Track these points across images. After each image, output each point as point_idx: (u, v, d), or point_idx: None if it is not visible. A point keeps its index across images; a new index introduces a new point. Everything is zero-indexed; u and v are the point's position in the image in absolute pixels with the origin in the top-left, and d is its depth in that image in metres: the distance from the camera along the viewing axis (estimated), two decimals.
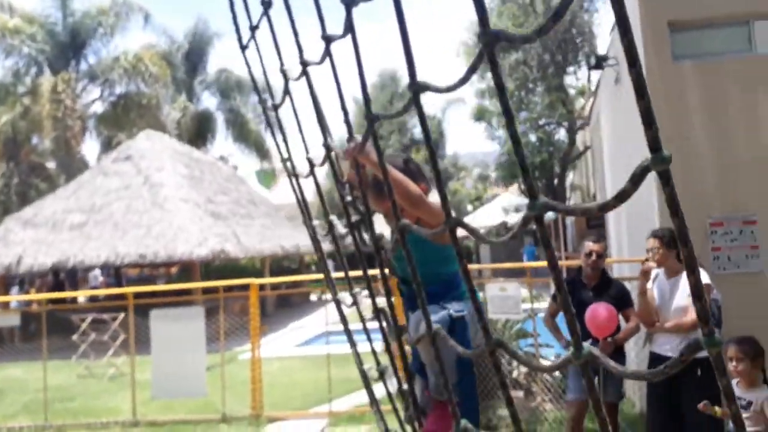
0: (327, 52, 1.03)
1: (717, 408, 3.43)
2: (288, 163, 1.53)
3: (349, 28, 0.90)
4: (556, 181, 21.20)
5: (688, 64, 4.81)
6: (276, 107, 1.55)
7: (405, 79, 1.07)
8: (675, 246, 4.15)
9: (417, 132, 29.14)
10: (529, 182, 0.61)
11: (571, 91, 19.88)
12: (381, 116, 1.03)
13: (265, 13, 1.22)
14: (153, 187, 13.76)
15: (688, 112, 4.77)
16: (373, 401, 1.46)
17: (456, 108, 27.15)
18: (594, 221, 17.90)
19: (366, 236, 1.39)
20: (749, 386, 3.45)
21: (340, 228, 1.38)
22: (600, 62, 5.84)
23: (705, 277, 4.04)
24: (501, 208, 22.50)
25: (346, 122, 1.11)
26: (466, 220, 1.06)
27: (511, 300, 5.54)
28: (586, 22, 18.76)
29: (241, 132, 22.33)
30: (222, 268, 17.15)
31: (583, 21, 18.63)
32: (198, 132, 21.51)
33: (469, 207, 27.50)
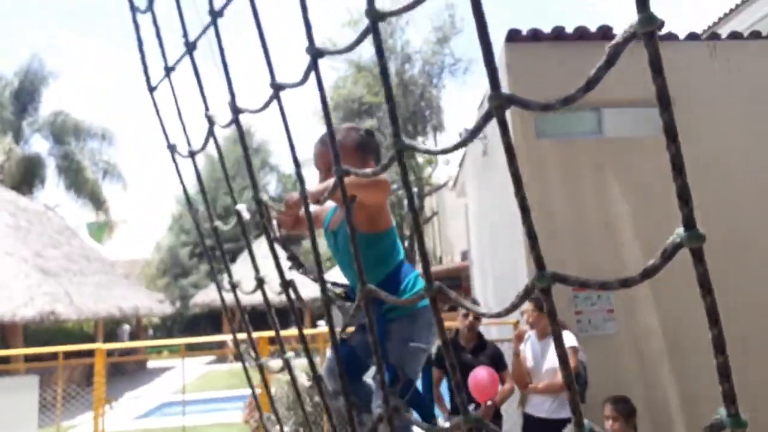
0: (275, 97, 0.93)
1: None
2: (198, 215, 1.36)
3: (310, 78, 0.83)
4: (406, 243, 21.93)
5: (549, 141, 5.29)
6: (193, 154, 1.39)
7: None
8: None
9: (270, 189, 28.80)
10: (536, 252, 0.57)
11: (420, 160, 20.96)
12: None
13: (189, 53, 1.09)
14: None
15: (549, 183, 5.19)
16: None
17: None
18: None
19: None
20: None
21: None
22: None
23: (573, 340, 4.29)
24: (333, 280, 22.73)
25: (298, 174, 1.00)
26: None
27: None
28: (435, 96, 20.04)
29: (75, 180, 20.48)
30: (44, 332, 15.25)
31: (431, 95, 19.87)
32: (24, 178, 19.36)
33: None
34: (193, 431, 6.43)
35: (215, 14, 0.94)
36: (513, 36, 5.33)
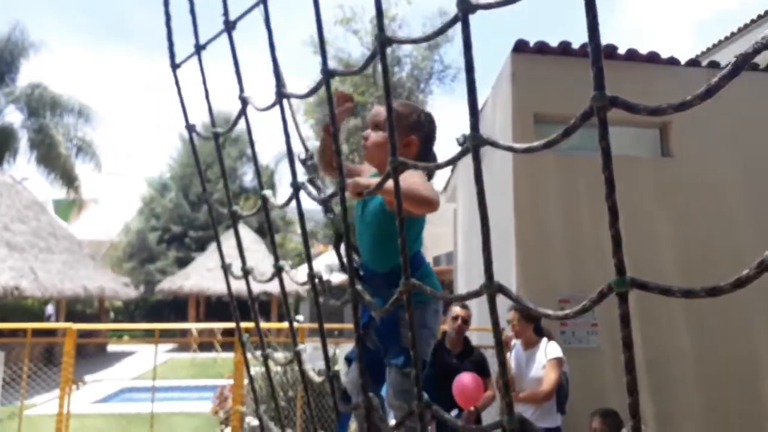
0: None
1: None
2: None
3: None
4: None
5: (549, 154, 5.35)
6: (217, 135, 1.36)
7: None
8: (532, 320, 4.42)
9: (246, 180, 28.46)
10: (619, 256, 0.59)
11: None
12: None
13: (228, 32, 1.06)
14: None
15: (546, 196, 5.25)
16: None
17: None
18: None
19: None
20: None
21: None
22: (466, 140, 6.22)
23: (557, 351, 4.34)
24: (324, 265, 22.61)
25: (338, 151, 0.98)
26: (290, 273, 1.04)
27: None
28: (421, 101, 20.09)
29: (48, 155, 19.89)
30: (2, 308, 14.82)
31: (418, 100, 19.91)
32: None
33: (290, 261, 27.19)
34: (158, 419, 6.29)
35: None
36: (520, 47, 5.39)
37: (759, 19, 9.47)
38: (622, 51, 5.47)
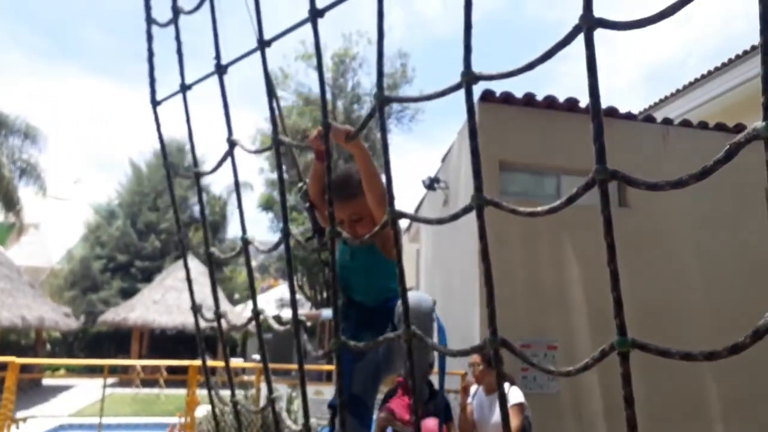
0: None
1: None
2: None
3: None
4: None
5: (512, 200, 5.47)
6: (198, 175, 1.35)
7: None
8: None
9: (197, 210, 27.96)
10: (621, 318, 0.61)
11: None
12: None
13: (219, 75, 1.08)
14: None
15: (509, 242, 5.35)
16: None
17: (242, 193, 26.81)
18: None
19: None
20: None
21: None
22: (432, 184, 6.36)
23: (520, 396, 4.36)
24: (275, 299, 22.19)
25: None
26: (238, 308, 1.01)
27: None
28: (379, 140, 20.29)
29: None
30: None
31: (376, 138, 20.12)
32: None
33: (237, 295, 26.64)
34: None
35: (263, 43, 0.93)
36: (486, 96, 5.56)
37: (702, 78, 10.05)
38: (582, 105, 5.69)
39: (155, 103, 1.14)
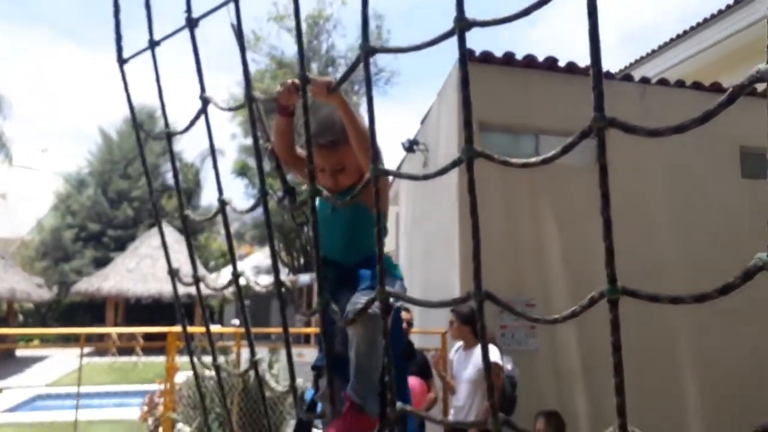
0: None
1: None
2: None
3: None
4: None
5: (491, 164, 5.45)
6: (170, 135, 1.31)
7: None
8: (469, 322, 4.47)
9: (169, 177, 27.54)
10: (611, 266, 0.70)
11: None
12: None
13: (190, 29, 1.03)
14: None
15: (488, 201, 5.34)
16: None
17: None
18: None
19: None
20: None
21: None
22: (412, 146, 6.30)
23: (495, 355, 4.39)
24: (251, 267, 22.12)
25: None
26: (212, 276, 0.99)
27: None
28: (354, 103, 20.08)
29: None
30: None
31: (352, 101, 19.87)
32: None
33: (212, 263, 26.47)
34: (80, 427, 5.95)
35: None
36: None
37: (678, 38, 10.07)
38: (562, 63, 5.66)
39: (122, 61, 1.09)
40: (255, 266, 21.42)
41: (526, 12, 0.64)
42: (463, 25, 0.66)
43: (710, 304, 0.62)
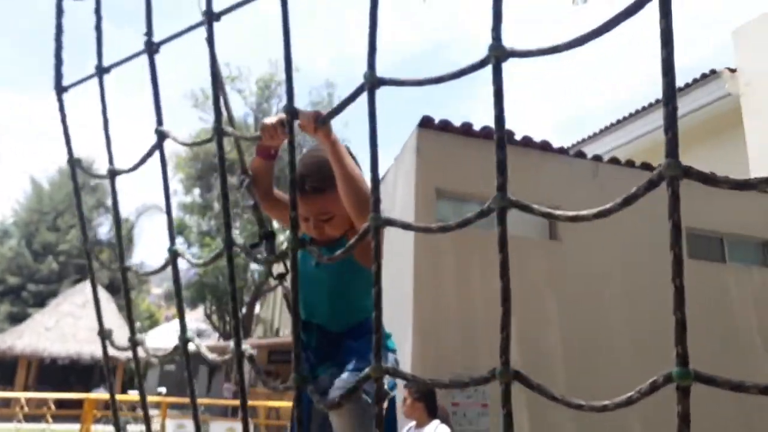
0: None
1: None
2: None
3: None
4: (244, 309, 20.87)
5: (447, 234, 5.33)
6: (114, 174, 1.14)
7: None
8: (424, 399, 4.23)
9: (102, 231, 26.49)
10: (683, 345, 0.52)
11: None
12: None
13: (149, 55, 0.94)
14: None
15: (443, 272, 5.20)
16: None
17: (150, 215, 25.64)
18: (276, 356, 17.77)
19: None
20: None
21: None
22: None
23: None
24: (178, 331, 21.12)
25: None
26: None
27: None
28: None
29: None
30: None
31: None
32: None
33: (138, 324, 25.14)
34: None
35: (211, 15, 0.83)
36: (425, 122, 5.50)
37: (611, 126, 10.58)
38: (517, 137, 5.71)
39: (60, 89, 1.01)
40: (191, 329, 20.39)
41: (568, 45, 0.60)
42: (499, 54, 0.61)
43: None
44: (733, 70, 9.20)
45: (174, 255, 0.96)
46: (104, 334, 1.27)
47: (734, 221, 6.43)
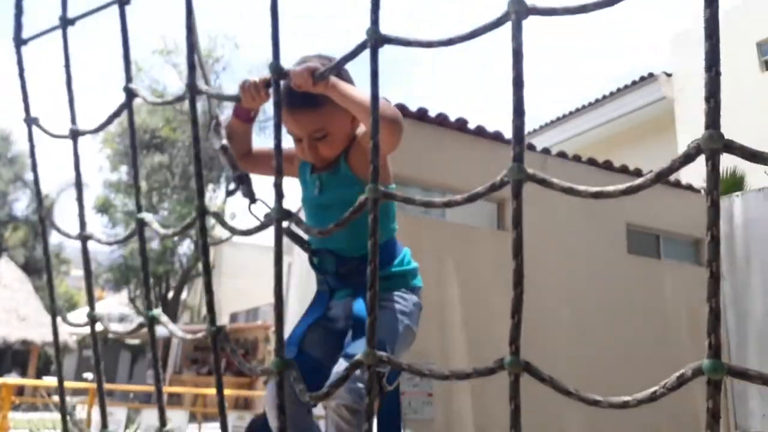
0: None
1: None
2: None
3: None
4: (171, 294, 20.19)
5: (399, 215, 5.25)
6: (76, 134, 1.00)
7: None
8: None
9: (18, 207, 25.00)
10: (717, 338, 0.48)
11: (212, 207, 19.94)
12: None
13: (121, 5, 0.89)
14: None
15: None
16: None
17: (72, 193, 24.32)
18: (200, 343, 17.33)
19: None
20: None
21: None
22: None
23: None
24: (105, 314, 20.19)
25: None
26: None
27: None
28: None
29: None
30: None
31: None
32: None
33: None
34: None
35: None
36: None
37: (557, 120, 10.82)
38: (471, 126, 5.68)
39: (20, 42, 0.97)
40: (107, 313, 19.48)
41: (596, 5, 0.57)
42: (518, 8, 0.59)
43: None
44: (669, 75, 9.57)
45: (140, 223, 0.90)
46: (55, 311, 1.08)
47: (669, 219, 6.67)
